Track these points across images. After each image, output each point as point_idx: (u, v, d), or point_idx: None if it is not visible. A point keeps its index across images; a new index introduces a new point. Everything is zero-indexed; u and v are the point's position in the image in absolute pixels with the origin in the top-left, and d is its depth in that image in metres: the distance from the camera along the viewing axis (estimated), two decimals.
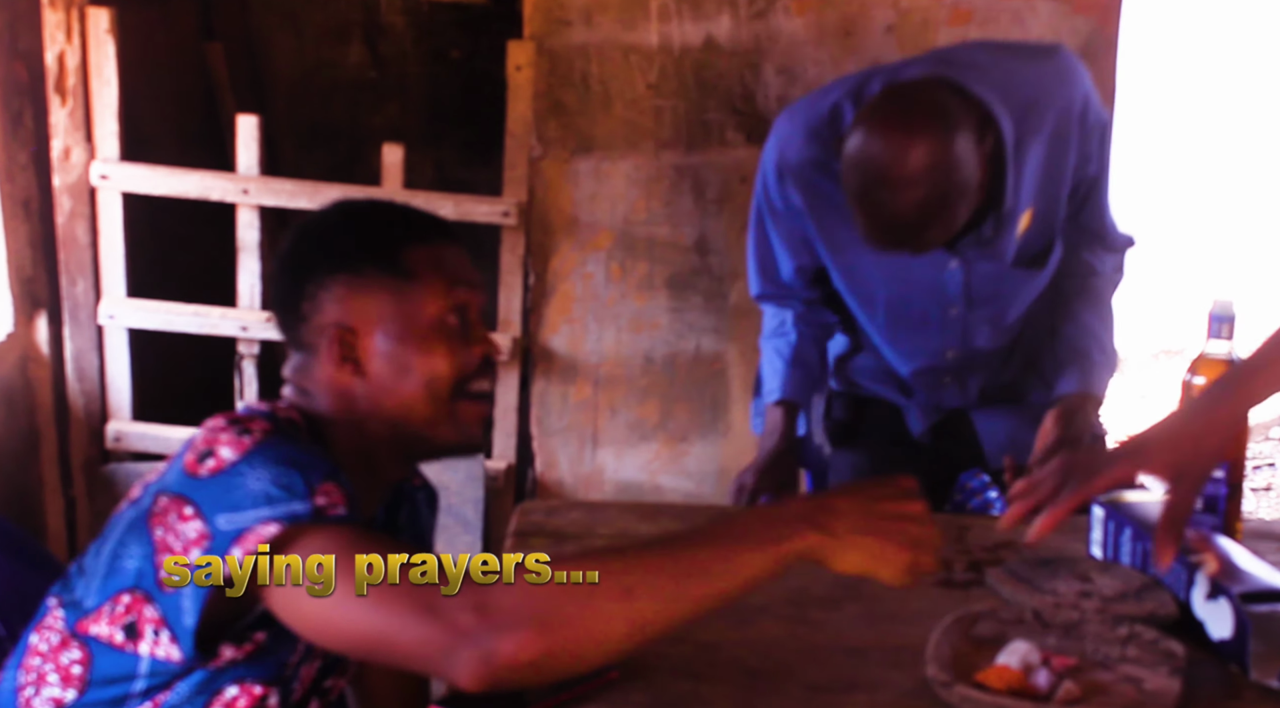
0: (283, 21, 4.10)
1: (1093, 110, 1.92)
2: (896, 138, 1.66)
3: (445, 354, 1.35)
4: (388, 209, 1.43)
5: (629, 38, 2.99)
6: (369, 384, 1.35)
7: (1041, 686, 1.30)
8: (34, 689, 1.28)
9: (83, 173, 2.92)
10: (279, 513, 1.17)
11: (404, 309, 1.34)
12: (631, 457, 3.10)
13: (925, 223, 1.71)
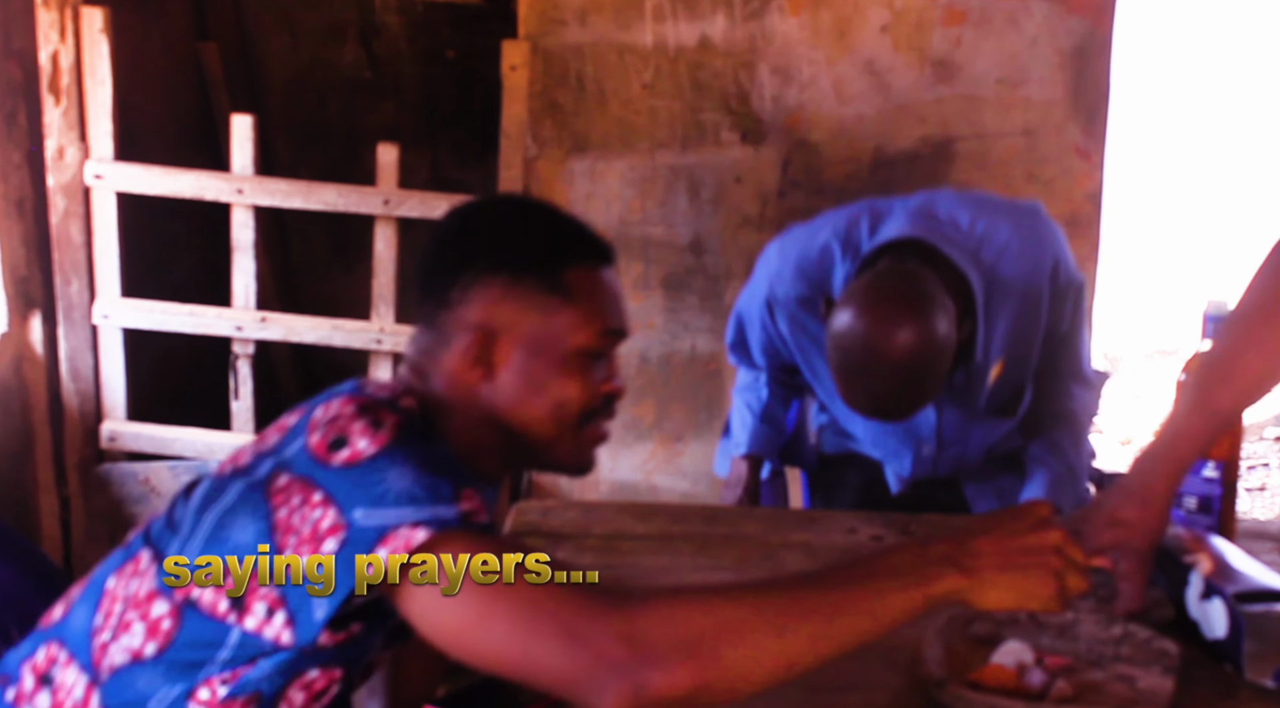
0: (277, 21, 4.09)
1: (1064, 272, 1.99)
2: (880, 328, 1.74)
3: (579, 386, 1.32)
4: (563, 222, 1.38)
5: (624, 38, 2.99)
6: (496, 391, 1.32)
7: (1035, 685, 1.31)
8: (111, 635, 1.25)
9: (77, 173, 2.92)
10: (425, 516, 1.14)
11: (553, 329, 1.31)
12: (627, 457, 3.10)
13: (904, 403, 1.81)
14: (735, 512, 2.04)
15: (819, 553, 1.76)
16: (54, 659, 1.28)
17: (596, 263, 1.35)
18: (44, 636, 1.31)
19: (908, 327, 1.73)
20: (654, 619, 1.10)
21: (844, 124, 3.04)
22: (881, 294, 1.78)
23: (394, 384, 1.34)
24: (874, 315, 1.75)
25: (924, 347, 1.74)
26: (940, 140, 3.04)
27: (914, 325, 1.74)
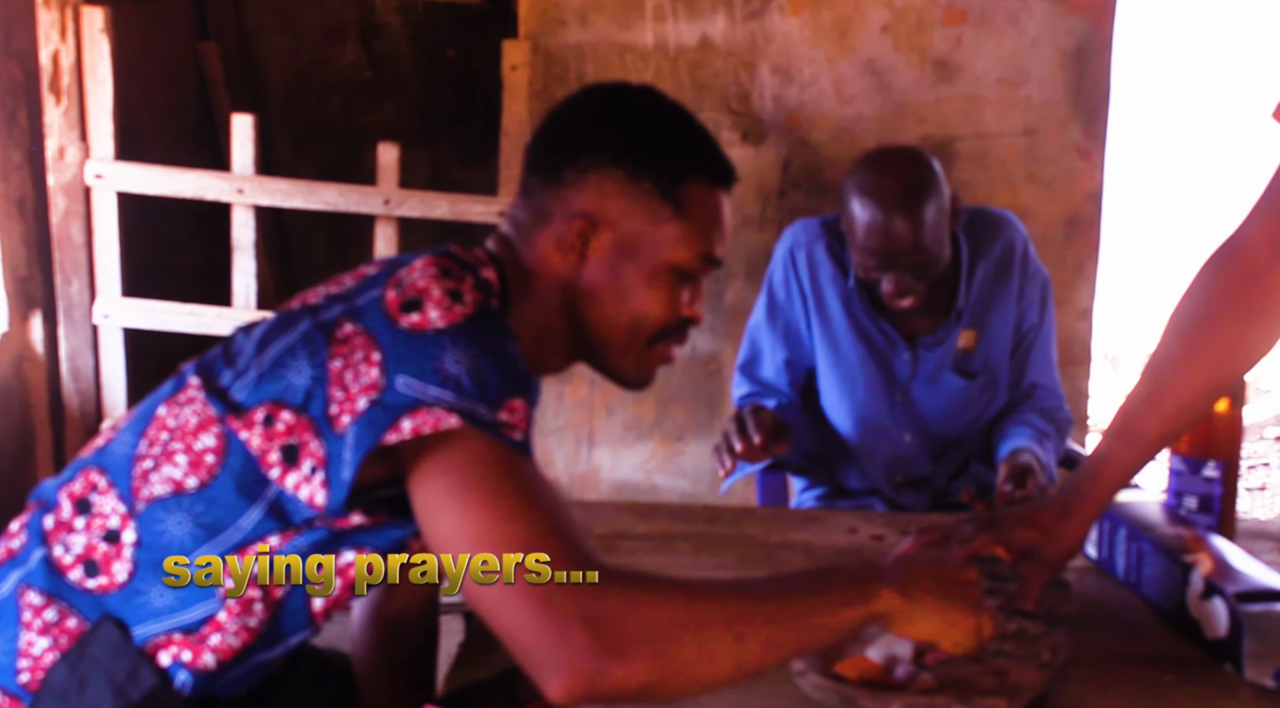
0: (277, 21, 4.09)
1: (1032, 258, 2.25)
2: (897, 170, 2.05)
3: (664, 302, 1.31)
4: (697, 133, 1.34)
5: (624, 37, 2.99)
6: (581, 282, 1.30)
7: (900, 678, 1.31)
8: (154, 463, 1.21)
9: (78, 172, 2.92)
10: (463, 406, 1.10)
11: (656, 238, 1.29)
12: (627, 456, 3.10)
13: (914, 239, 2.01)
14: (736, 512, 2.04)
15: (820, 553, 1.76)
16: (93, 486, 1.24)
17: (716, 184, 1.33)
18: (84, 462, 1.27)
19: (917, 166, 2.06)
20: (624, 605, 1.08)
21: (844, 124, 3.04)
22: (886, 151, 2.14)
23: (479, 252, 1.31)
24: (880, 161, 2.08)
25: (930, 186, 2.02)
26: (941, 140, 3.04)
27: (923, 167, 2.05)
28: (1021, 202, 3.04)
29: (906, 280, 2.06)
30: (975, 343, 2.21)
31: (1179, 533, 1.56)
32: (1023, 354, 2.25)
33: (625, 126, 1.32)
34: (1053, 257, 3.05)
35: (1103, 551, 1.67)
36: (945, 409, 2.23)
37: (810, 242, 2.26)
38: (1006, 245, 2.22)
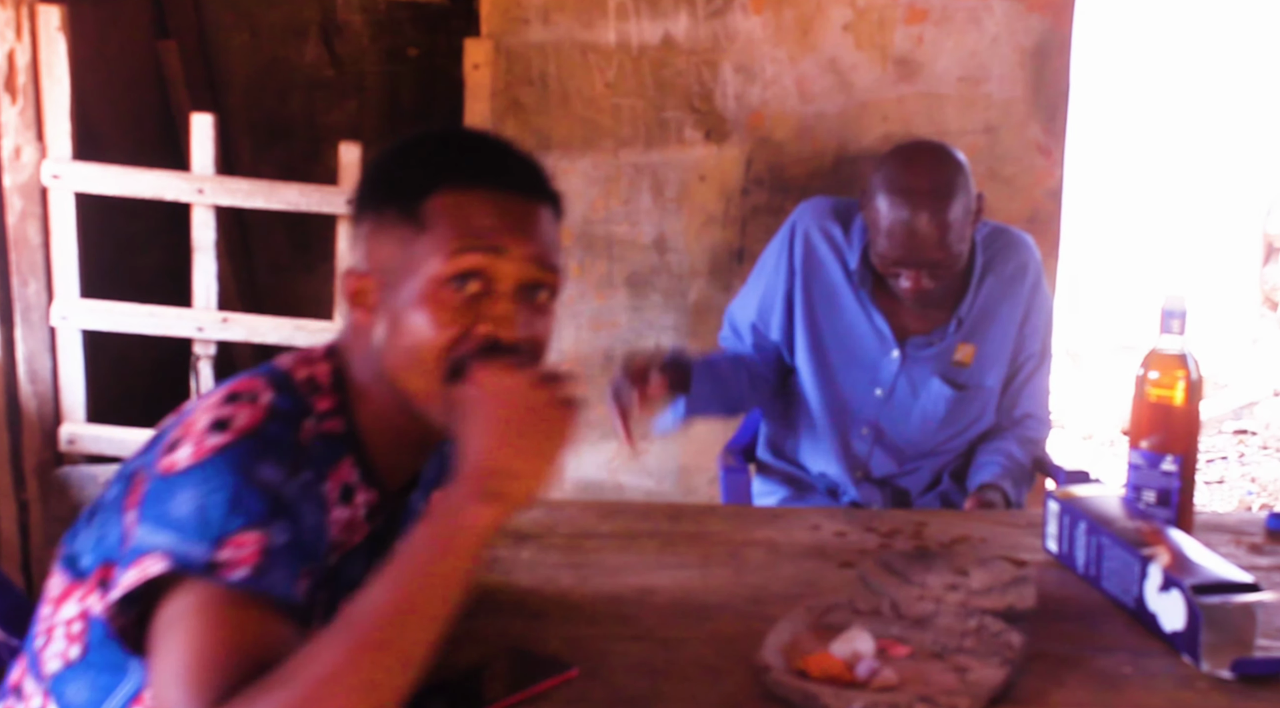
0: (237, 19, 4.06)
1: (1043, 288, 2.26)
2: (926, 163, 2.08)
3: (432, 322, 1.19)
4: (441, 146, 1.27)
5: (587, 36, 2.99)
6: (376, 337, 1.24)
7: (862, 674, 1.33)
8: (43, 641, 1.23)
9: (34, 172, 2.88)
10: (177, 550, 1.09)
11: (409, 261, 1.21)
12: (591, 455, 3.10)
13: (939, 233, 2.02)
14: (699, 510, 2.04)
15: (783, 550, 1.77)
16: (24, 670, 1.27)
17: (473, 185, 1.23)
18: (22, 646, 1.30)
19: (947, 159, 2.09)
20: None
21: (807, 122, 3.04)
22: (918, 144, 2.19)
23: (319, 349, 1.29)
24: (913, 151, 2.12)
25: (958, 180, 2.05)
26: (903, 138, 3.04)
27: (952, 161, 2.08)
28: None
29: (924, 278, 2.07)
30: (972, 359, 2.20)
31: (1138, 527, 1.58)
32: (1020, 383, 2.24)
33: (371, 171, 1.30)
34: None
35: (1063, 545, 1.68)
36: (925, 416, 2.22)
37: (816, 222, 2.27)
38: (1019, 267, 2.22)
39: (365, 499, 1.28)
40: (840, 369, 2.25)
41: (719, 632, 1.50)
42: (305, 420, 1.20)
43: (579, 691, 1.36)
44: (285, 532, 1.12)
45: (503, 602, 1.59)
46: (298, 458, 1.17)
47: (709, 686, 1.38)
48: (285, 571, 1.12)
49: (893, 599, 1.49)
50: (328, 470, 1.23)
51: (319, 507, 1.19)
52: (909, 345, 2.21)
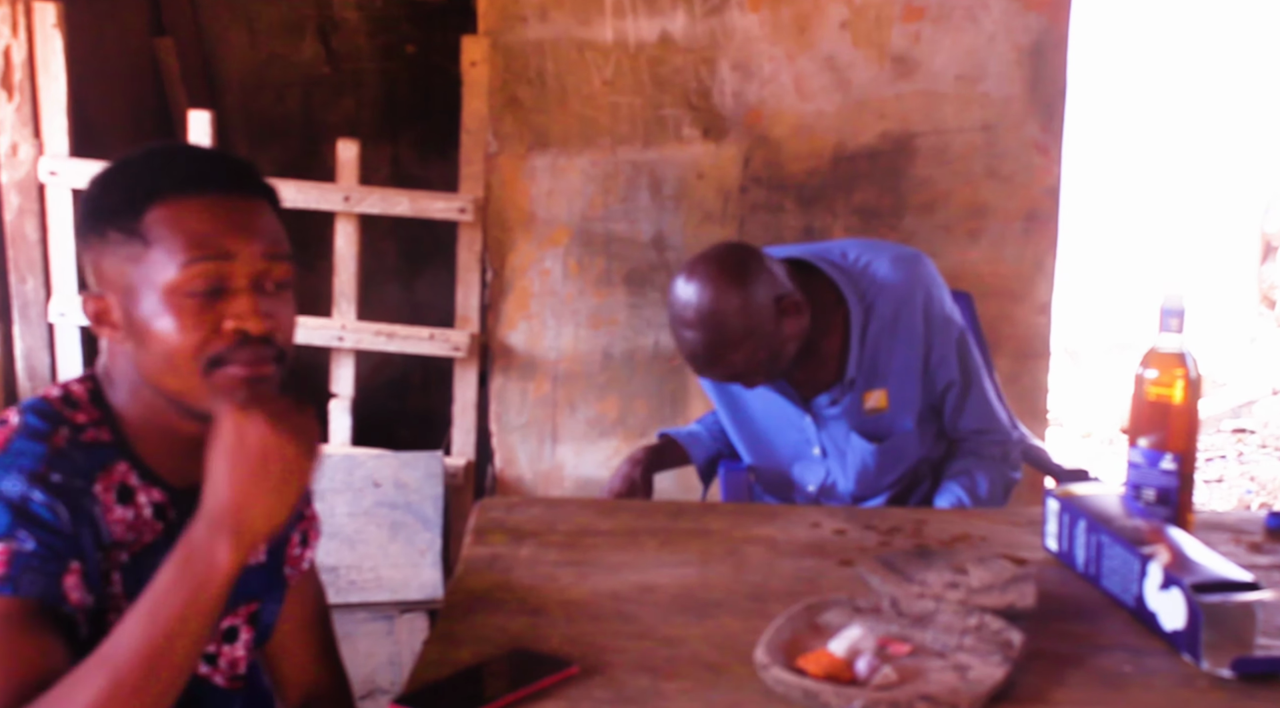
0: (234, 16, 4.06)
1: (938, 309, 2.17)
2: (691, 278, 2.02)
3: (180, 327, 1.24)
4: (150, 160, 1.30)
5: (584, 34, 2.98)
6: (127, 352, 1.29)
7: (861, 672, 1.32)
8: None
9: (31, 169, 2.88)
10: None
11: (140, 276, 1.25)
12: (591, 453, 3.10)
13: (709, 358, 2.01)
14: (699, 508, 2.04)
15: (783, 548, 1.77)
16: None
17: (188, 191, 1.26)
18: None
19: (717, 281, 1.99)
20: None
21: (804, 120, 3.04)
22: (702, 256, 2.06)
23: (78, 376, 1.35)
24: (689, 271, 2.03)
25: (721, 306, 1.98)
26: (900, 136, 3.05)
27: (723, 281, 1.99)
28: (980, 197, 3.06)
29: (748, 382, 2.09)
30: (887, 401, 2.18)
31: (1137, 525, 1.58)
32: (952, 411, 2.21)
33: (86, 196, 1.31)
34: (1011, 252, 3.08)
35: (1062, 543, 1.68)
36: (858, 468, 2.22)
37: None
38: (898, 306, 2.13)
39: (150, 499, 1.33)
40: (772, 435, 2.26)
41: (719, 629, 1.50)
42: (57, 434, 1.26)
43: (580, 688, 1.36)
44: (30, 539, 1.19)
45: (502, 599, 1.58)
46: (49, 466, 1.23)
47: (709, 683, 1.38)
48: (37, 573, 1.18)
49: (893, 597, 1.49)
50: (96, 475, 1.28)
51: (82, 507, 1.24)
52: (815, 406, 2.20)
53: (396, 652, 2.67)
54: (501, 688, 1.35)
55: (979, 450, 2.21)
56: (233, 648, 1.43)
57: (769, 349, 2.03)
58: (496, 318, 3.06)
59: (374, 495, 2.81)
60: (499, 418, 3.09)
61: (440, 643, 1.47)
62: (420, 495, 2.83)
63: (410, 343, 3.02)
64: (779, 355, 2.06)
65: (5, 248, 2.90)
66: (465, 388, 3.05)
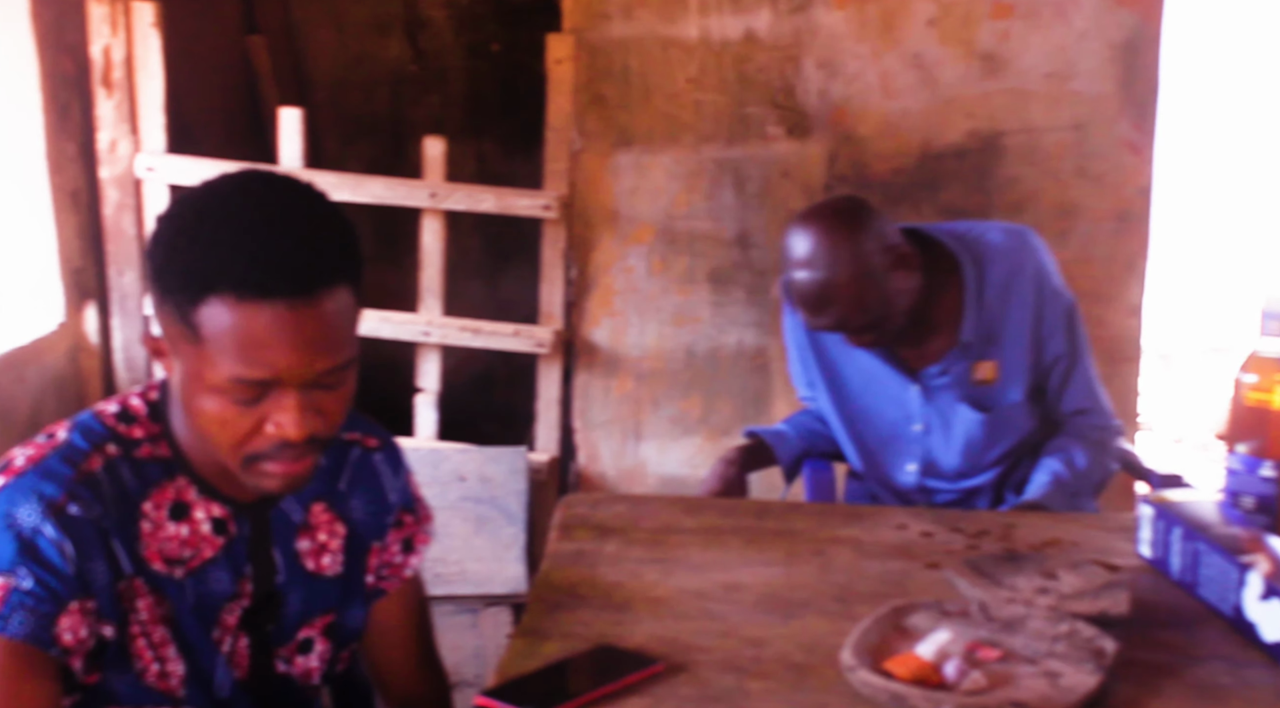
0: (324, 15, 4.12)
1: (1049, 279, 2.18)
2: (804, 229, 2.05)
3: (219, 422, 1.21)
4: (219, 241, 1.16)
5: (669, 31, 2.99)
6: (178, 396, 1.27)
7: (950, 676, 1.30)
8: None
9: (128, 165, 2.95)
10: None
11: (188, 361, 1.20)
12: (674, 451, 3.10)
13: (821, 298, 2.02)
14: (784, 507, 2.04)
15: (869, 549, 1.76)
16: None
17: (247, 296, 1.15)
18: None
19: (831, 223, 2.03)
20: None
21: (890, 118, 3.02)
22: (816, 204, 2.14)
23: (141, 388, 1.34)
24: (803, 216, 2.08)
25: (840, 241, 2.02)
26: (988, 134, 3.01)
27: (836, 223, 2.03)
28: (1070, 197, 3.01)
29: (858, 337, 2.09)
30: (996, 373, 2.17)
31: (1235, 533, 1.55)
32: (1057, 386, 2.19)
33: (152, 248, 1.22)
34: (1102, 252, 3.03)
35: (1157, 550, 1.65)
36: (964, 442, 2.19)
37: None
38: (1012, 273, 2.13)
39: (209, 514, 1.32)
40: (867, 415, 2.24)
41: (805, 630, 1.50)
42: (98, 453, 1.26)
43: (665, 686, 1.36)
44: (30, 577, 1.18)
45: (587, 595, 1.59)
46: (70, 495, 1.22)
47: (794, 684, 1.37)
48: (29, 614, 1.18)
49: (981, 601, 1.47)
50: (149, 492, 1.28)
51: (97, 540, 1.23)
52: (924, 377, 2.18)
53: (481, 645, 2.70)
54: (587, 684, 1.35)
55: (1081, 432, 2.18)
56: (306, 659, 1.43)
57: (879, 297, 2.03)
58: (580, 315, 3.08)
59: (459, 490, 2.84)
60: (582, 414, 3.11)
61: (526, 638, 1.48)
62: (505, 490, 2.86)
63: (495, 339, 3.04)
64: (889, 308, 2.05)
65: (104, 242, 2.98)
66: (549, 384, 3.07)
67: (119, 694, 1.28)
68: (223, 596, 1.33)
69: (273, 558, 1.37)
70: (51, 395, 2.78)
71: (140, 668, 1.28)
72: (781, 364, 3.08)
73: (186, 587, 1.30)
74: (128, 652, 1.27)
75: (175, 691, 1.30)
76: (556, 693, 1.34)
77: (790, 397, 3.07)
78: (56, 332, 2.82)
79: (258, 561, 1.35)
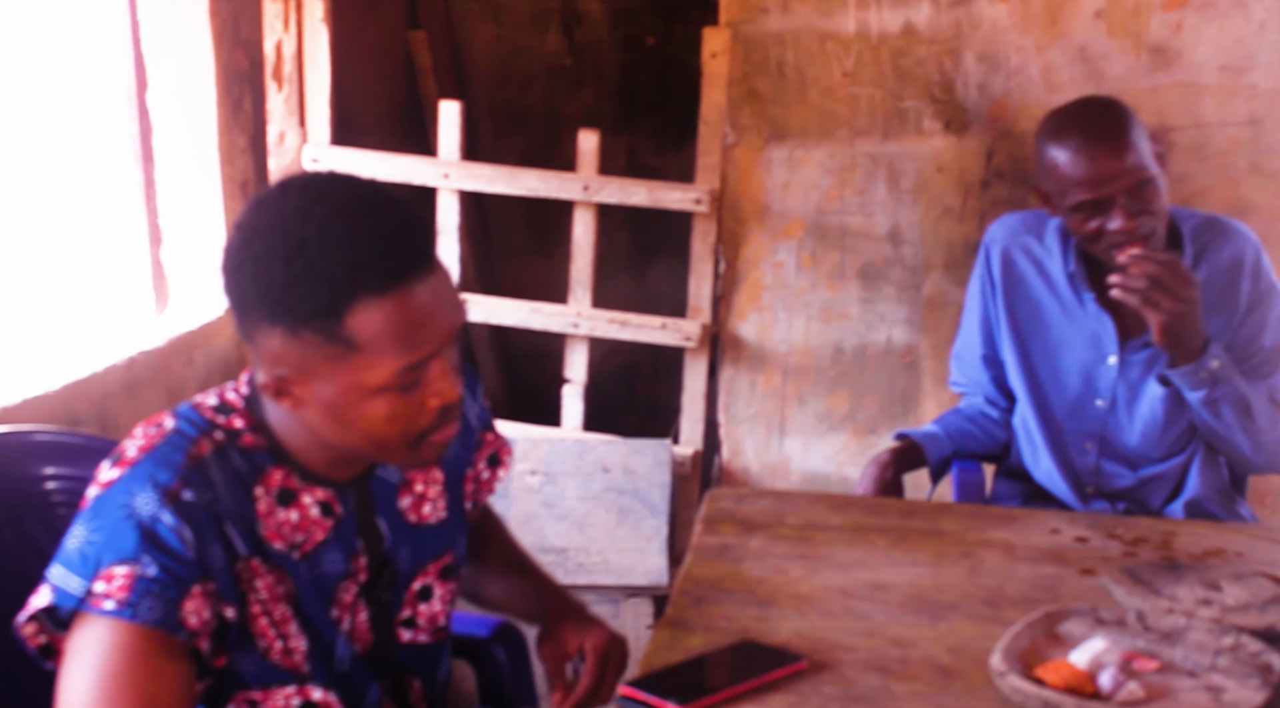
0: (483, 10, 4.20)
1: (1265, 268, 2.13)
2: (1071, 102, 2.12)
3: (387, 420, 1.24)
4: (342, 248, 1.18)
5: (825, 24, 2.96)
6: (309, 420, 1.27)
7: (1106, 686, 1.26)
8: None
9: (295, 156, 3.05)
10: (60, 585, 1.21)
11: (344, 377, 1.22)
12: (819, 447, 3.08)
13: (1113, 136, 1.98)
14: (932, 508, 2.01)
15: (1020, 552, 1.72)
16: None
17: (385, 288, 1.19)
18: None
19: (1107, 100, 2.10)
20: None
21: None
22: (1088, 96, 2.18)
23: (241, 379, 1.36)
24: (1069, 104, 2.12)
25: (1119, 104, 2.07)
26: (1156, 130, 2.91)
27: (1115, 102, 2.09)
28: (1243, 195, 2.89)
29: (1130, 207, 1.98)
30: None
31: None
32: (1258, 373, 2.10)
33: (257, 282, 1.21)
34: (1276, 252, 2.90)
35: None
36: (1147, 421, 2.14)
37: (1009, 240, 2.23)
38: (1235, 256, 2.10)
39: (315, 498, 1.34)
40: (1052, 384, 2.19)
41: (952, 633, 1.47)
42: (205, 440, 1.28)
43: (809, 684, 1.36)
44: (154, 564, 1.20)
45: (732, 589, 1.59)
46: (184, 481, 1.24)
47: (941, 687, 1.35)
48: (156, 600, 1.20)
49: (1139, 610, 1.43)
50: (256, 478, 1.30)
51: (212, 524, 1.25)
52: (1126, 350, 2.13)
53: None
54: (730, 679, 1.36)
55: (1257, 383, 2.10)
56: (430, 606, 1.46)
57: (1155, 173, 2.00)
58: (728, 309, 3.07)
59: (603, 481, 2.87)
60: (727, 409, 3.11)
61: (670, 630, 1.49)
62: (648, 482, 2.88)
63: (643, 332, 3.06)
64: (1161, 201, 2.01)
65: None
66: (695, 378, 3.08)
67: (247, 676, 1.31)
68: (338, 575, 1.36)
69: (377, 527, 1.39)
70: (217, 378, 2.90)
71: (264, 646, 1.31)
72: (932, 362, 3.03)
73: (302, 569, 1.33)
74: (250, 631, 1.30)
75: (300, 667, 1.33)
76: (699, 686, 1.35)
77: (940, 395, 3.02)
78: (223, 317, 2.92)
79: (367, 534, 1.38)
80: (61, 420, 2.20)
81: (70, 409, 2.26)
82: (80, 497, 1.28)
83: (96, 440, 1.61)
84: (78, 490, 1.42)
